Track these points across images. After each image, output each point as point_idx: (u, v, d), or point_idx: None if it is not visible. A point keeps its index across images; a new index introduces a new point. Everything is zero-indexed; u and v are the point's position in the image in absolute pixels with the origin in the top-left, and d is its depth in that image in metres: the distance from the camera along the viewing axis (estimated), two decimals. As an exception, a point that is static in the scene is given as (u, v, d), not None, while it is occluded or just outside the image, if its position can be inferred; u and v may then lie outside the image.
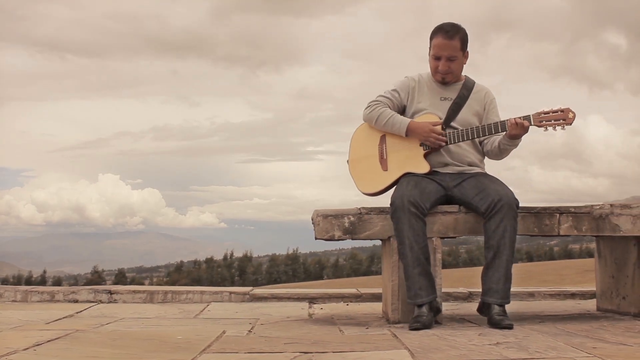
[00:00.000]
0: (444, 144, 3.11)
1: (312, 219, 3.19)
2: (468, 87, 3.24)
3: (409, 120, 3.17)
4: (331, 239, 3.12)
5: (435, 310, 2.94)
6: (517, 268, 3.31)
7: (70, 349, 2.35)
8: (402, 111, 3.28)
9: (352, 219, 3.11)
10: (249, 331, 2.87)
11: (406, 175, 3.11)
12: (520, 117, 3.00)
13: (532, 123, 2.98)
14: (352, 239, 3.13)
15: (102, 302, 4.11)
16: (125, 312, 3.69)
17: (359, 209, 3.13)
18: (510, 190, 2.97)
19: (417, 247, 2.87)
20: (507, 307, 2.92)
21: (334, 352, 2.24)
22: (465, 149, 3.18)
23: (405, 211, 2.87)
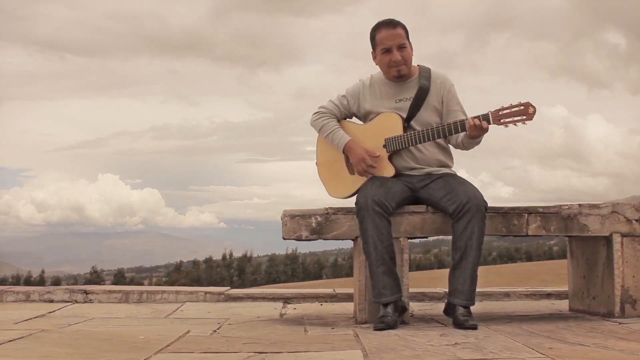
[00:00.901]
0: (371, 175, 3.09)
1: (281, 219, 3.19)
2: (425, 76, 3.14)
3: (348, 139, 3.15)
4: (298, 239, 3.12)
5: (401, 309, 2.93)
6: (517, 267, 3.30)
7: (27, 349, 2.35)
8: (354, 116, 3.30)
9: (319, 219, 3.10)
10: (214, 331, 2.87)
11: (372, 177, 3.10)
12: (479, 117, 2.92)
13: (491, 122, 2.91)
14: (319, 239, 3.13)
15: (78, 302, 4.10)
16: (97, 312, 3.69)
17: (326, 209, 3.13)
18: (479, 192, 2.95)
19: (381, 246, 2.87)
20: (480, 307, 2.92)
21: (289, 352, 2.24)
22: (430, 150, 3.15)
23: (370, 210, 2.87)
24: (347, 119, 3.31)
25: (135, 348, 2.34)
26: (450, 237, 2.98)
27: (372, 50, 3.17)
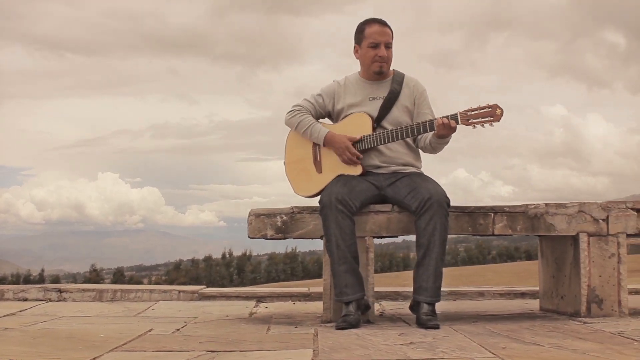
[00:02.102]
0: (356, 161, 3.08)
1: (247, 218, 3.19)
2: (398, 81, 3.19)
3: (327, 130, 3.15)
4: (263, 237, 3.12)
5: (364, 308, 2.93)
6: (517, 267, 3.29)
7: (-18, 348, 2.34)
8: (328, 116, 3.30)
9: (284, 218, 3.10)
10: (177, 330, 2.87)
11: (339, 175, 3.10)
12: (447, 117, 2.94)
13: (459, 122, 2.94)
14: (285, 238, 3.13)
15: (52, 301, 4.10)
16: (69, 310, 3.69)
17: (292, 208, 3.13)
18: (442, 189, 2.96)
19: (344, 244, 2.87)
20: (452, 306, 2.92)
21: (241, 351, 2.24)
22: (398, 149, 3.15)
23: (332, 209, 2.87)
24: (320, 119, 3.31)
25: (91, 346, 2.34)
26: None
27: (355, 43, 3.19)
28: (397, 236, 3.23)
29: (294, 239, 3.12)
